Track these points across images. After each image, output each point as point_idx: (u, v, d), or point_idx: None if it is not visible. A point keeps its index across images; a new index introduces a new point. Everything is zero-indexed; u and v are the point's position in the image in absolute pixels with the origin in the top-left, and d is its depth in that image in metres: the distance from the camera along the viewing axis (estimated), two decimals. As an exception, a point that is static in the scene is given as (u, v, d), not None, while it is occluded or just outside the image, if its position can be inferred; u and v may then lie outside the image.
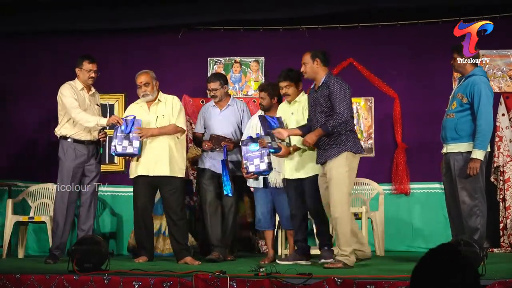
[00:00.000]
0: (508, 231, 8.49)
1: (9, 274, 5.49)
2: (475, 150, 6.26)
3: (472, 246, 5.42)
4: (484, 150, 6.30)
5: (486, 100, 6.31)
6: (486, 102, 6.31)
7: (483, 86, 6.35)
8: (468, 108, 6.39)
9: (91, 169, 7.25)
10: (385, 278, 5.14)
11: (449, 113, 6.52)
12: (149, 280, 5.24)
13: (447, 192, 6.65)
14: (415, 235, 8.76)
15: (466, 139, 6.37)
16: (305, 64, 6.62)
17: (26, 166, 8.86)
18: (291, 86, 7.08)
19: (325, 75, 6.55)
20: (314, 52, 6.60)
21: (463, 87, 6.46)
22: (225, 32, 9.17)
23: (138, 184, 7.20)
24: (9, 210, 8.17)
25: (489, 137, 6.35)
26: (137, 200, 7.23)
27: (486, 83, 6.44)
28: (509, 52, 8.85)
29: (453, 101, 6.51)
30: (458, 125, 6.40)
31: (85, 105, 7.24)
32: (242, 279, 5.22)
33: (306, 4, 8.58)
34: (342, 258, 6.27)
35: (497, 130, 8.64)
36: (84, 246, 5.84)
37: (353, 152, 6.40)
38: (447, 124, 6.50)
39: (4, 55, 9.05)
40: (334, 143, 6.38)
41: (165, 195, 7.17)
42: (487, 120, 6.30)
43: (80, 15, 8.80)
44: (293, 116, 7.04)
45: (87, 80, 7.26)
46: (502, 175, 8.59)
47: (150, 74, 7.26)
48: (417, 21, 8.92)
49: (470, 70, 6.49)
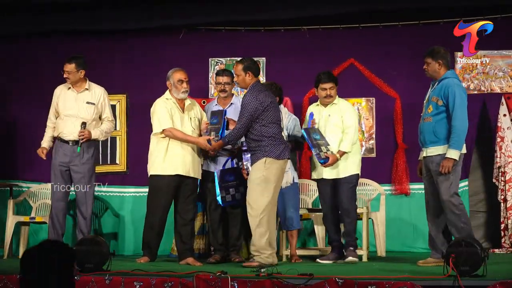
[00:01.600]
0: (509, 231, 8.50)
1: (11, 275, 5.49)
2: (450, 150, 6.34)
3: (473, 246, 5.42)
4: (459, 150, 6.36)
5: (460, 101, 6.38)
6: (460, 103, 6.37)
7: (457, 88, 6.43)
8: (444, 110, 6.46)
9: (76, 170, 7.26)
10: (386, 279, 5.15)
11: (426, 117, 6.59)
12: (151, 280, 5.24)
13: (428, 192, 6.73)
14: (416, 236, 8.75)
15: (444, 142, 6.44)
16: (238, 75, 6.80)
17: (27, 166, 8.86)
18: (334, 88, 7.18)
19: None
20: (245, 65, 6.74)
21: (437, 90, 6.53)
22: (226, 33, 9.16)
23: (164, 182, 7.07)
24: (11, 210, 8.19)
25: (464, 138, 6.41)
26: (161, 199, 7.10)
27: (459, 85, 6.54)
28: (510, 52, 8.85)
29: (429, 105, 6.58)
30: (436, 128, 6.48)
31: (67, 105, 7.33)
32: (243, 279, 5.22)
33: (307, 5, 8.58)
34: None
35: (499, 131, 8.64)
36: (85, 246, 5.84)
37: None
38: (425, 128, 6.57)
39: (6, 56, 9.05)
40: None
41: (186, 194, 7.12)
42: (462, 121, 6.36)
43: (81, 16, 8.81)
44: (331, 118, 7.16)
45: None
46: (504, 176, 8.59)
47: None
48: (418, 22, 8.92)
49: (443, 73, 6.55)
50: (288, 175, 7.17)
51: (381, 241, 8.02)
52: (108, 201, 8.95)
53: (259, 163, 6.57)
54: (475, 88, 8.88)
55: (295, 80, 8.77)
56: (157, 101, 7.24)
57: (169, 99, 7.20)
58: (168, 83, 7.22)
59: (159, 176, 7.06)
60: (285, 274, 5.37)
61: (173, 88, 7.16)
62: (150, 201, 7.19)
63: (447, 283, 5.12)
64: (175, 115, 7.11)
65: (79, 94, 7.37)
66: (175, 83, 7.15)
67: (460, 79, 6.85)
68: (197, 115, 7.27)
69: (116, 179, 8.91)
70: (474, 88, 8.88)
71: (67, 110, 7.32)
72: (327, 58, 8.99)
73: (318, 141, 7.01)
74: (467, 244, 5.43)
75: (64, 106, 7.34)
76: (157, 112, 7.12)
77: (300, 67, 8.87)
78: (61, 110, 7.34)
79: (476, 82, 8.88)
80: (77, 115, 7.29)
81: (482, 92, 8.87)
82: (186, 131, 7.07)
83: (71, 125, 7.28)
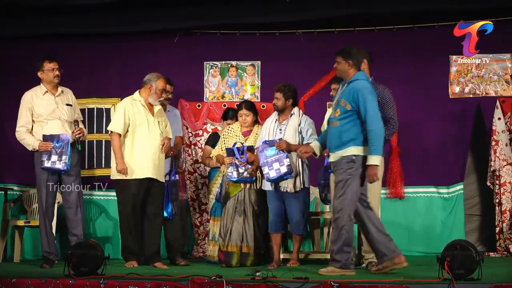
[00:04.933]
0: (504, 235, 8.51)
1: (5, 279, 5.48)
2: (371, 157, 6.01)
3: (468, 250, 5.42)
4: (380, 155, 6.07)
5: (372, 104, 6.08)
6: (373, 107, 6.07)
7: (366, 91, 6.10)
8: (351, 114, 6.13)
9: (68, 173, 7.24)
10: (382, 282, 5.16)
11: (333, 121, 6.26)
12: (145, 284, 5.24)
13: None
14: (411, 239, 8.75)
15: (349, 144, 6.12)
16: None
17: (22, 170, 8.84)
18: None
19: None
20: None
21: (346, 93, 6.20)
22: (221, 36, 9.16)
23: (134, 185, 7.15)
24: (5, 214, 8.16)
25: (382, 142, 6.10)
26: (133, 202, 7.18)
27: (369, 87, 6.18)
28: (505, 56, 8.86)
29: (337, 108, 6.24)
30: (342, 133, 6.14)
31: (49, 109, 7.27)
32: (239, 283, 5.22)
33: (302, 9, 8.58)
34: None
35: (493, 134, 8.65)
36: (80, 250, 5.83)
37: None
38: (331, 133, 6.25)
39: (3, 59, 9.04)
40: None
41: (155, 196, 7.22)
42: (377, 125, 6.05)
43: (76, 19, 8.80)
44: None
45: (52, 79, 7.31)
46: (498, 179, 8.60)
47: None
48: (413, 25, 8.93)
49: (353, 74, 6.24)
50: (298, 179, 7.10)
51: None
52: (103, 205, 8.94)
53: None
54: (470, 92, 8.89)
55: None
56: (124, 100, 7.35)
57: (137, 100, 7.27)
58: (148, 86, 7.25)
59: (127, 180, 7.15)
60: (280, 278, 5.36)
61: (153, 93, 7.22)
62: (122, 207, 7.28)
63: (442, 286, 5.12)
64: (141, 117, 7.18)
65: (57, 98, 7.35)
66: (157, 89, 7.23)
67: (370, 80, 6.43)
68: (165, 120, 7.37)
69: (111, 183, 8.88)
70: (469, 91, 8.89)
71: (50, 114, 7.27)
72: (322, 62, 8.98)
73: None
74: (462, 247, 5.44)
75: (45, 110, 7.27)
76: (116, 112, 7.29)
77: (295, 70, 8.87)
78: (42, 115, 7.26)
79: (471, 86, 8.89)
80: (61, 117, 7.27)
81: (477, 96, 8.88)
82: (154, 134, 7.17)
83: (58, 128, 7.24)
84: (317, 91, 8.96)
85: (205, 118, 9.05)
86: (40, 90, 7.35)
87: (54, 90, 7.36)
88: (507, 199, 8.55)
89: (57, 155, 7.07)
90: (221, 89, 9.19)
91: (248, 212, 7.34)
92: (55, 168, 7.08)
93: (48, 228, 7.23)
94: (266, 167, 7.02)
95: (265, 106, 8.98)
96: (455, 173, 8.86)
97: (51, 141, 7.11)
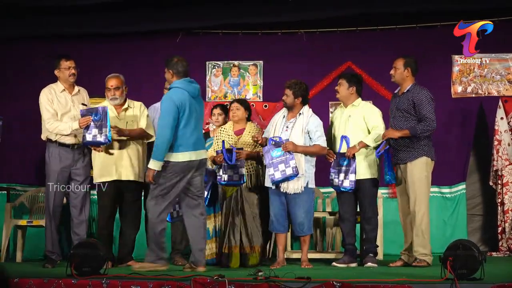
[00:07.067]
0: (507, 234, 8.50)
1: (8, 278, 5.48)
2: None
3: (471, 249, 5.42)
4: (158, 160, 6.25)
5: (163, 112, 6.27)
6: (163, 115, 6.27)
7: (165, 97, 6.36)
8: None
9: (78, 173, 7.21)
10: (384, 282, 5.15)
11: None
12: (148, 284, 5.24)
13: None
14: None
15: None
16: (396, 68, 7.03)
17: (24, 170, 8.85)
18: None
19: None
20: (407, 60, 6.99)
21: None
22: (224, 36, 9.17)
23: (110, 187, 7.24)
24: (8, 214, 8.17)
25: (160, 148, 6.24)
26: (109, 204, 7.30)
27: (171, 97, 6.31)
28: (507, 56, 8.86)
29: None
30: None
31: (66, 107, 7.22)
32: (241, 283, 5.21)
33: (305, 8, 8.58)
34: (426, 258, 6.79)
35: (496, 134, 8.64)
36: (82, 250, 5.83)
37: (430, 158, 6.85)
38: None
39: (3, 60, 9.04)
40: (414, 147, 6.82)
41: (130, 199, 7.30)
42: (160, 134, 6.27)
43: (77, 19, 8.81)
44: (351, 119, 7.31)
45: (68, 78, 7.23)
46: (501, 179, 8.60)
47: (121, 78, 7.36)
48: (415, 25, 8.94)
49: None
50: (300, 180, 7.01)
51: (379, 244, 8.00)
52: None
53: (419, 162, 6.81)
54: (473, 91, 8.89)
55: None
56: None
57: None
58: (126, 88, 7.37)
59: (100, 184, 7.26)
60: (282, 278, 5.36)
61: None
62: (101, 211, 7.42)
63: (444, 286, 5.12)
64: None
65: (74, 97, 7.31)
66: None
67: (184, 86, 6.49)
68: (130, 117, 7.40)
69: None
70: (471, 91, 8.89)
71: (66, 112, 7.22)
72: (324, 61, 9.01)
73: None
74: (465, 247, 5.43)
75: (61, 107, 7.21)
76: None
77: (298, 70, 8.86)
78: (57, 112, 7.20)
79: (473, 85, 8.88)
80: (75, 116, 7.19)
81: (479, 95, 8.88)
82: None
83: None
84: (319, 90, 8.97)
85: (207, 118, 9.04)
86: (57, 88, 7.26)
87: (70, 88, 7.31)
88: (510, 198, 8.54)
89: (97, 128, 6.97)
90: (223, 89, 9.19)
91: (247, 211, 7.28)
92: (96, 141, 7.00)
93: (53, 229, 7.22)
94: (272, 168, 6.96)
95: (267, 106, 8.99)
96: (458, 173, 8.86)
97: (90, 114, 7.00)
